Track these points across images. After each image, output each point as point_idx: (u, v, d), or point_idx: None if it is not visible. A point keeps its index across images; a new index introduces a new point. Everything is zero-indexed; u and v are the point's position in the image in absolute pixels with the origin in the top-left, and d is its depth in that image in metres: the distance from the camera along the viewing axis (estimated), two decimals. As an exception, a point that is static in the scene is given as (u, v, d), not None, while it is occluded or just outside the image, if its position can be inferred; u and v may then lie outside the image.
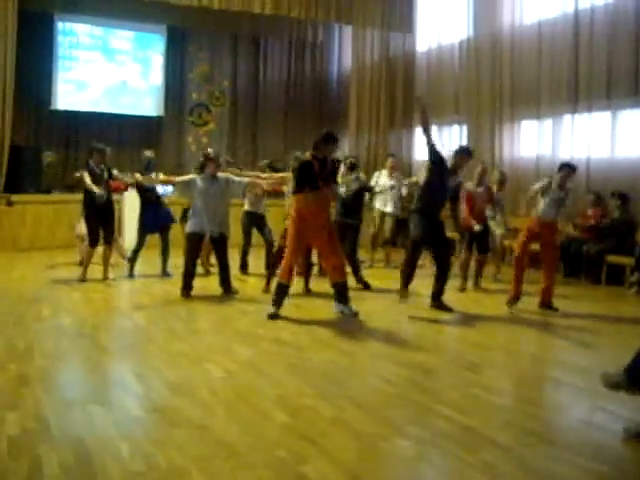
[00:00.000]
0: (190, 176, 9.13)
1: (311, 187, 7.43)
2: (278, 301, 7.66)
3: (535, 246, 8.75)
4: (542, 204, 8.42)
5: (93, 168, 9.53)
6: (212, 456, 3.96)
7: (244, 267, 10.60)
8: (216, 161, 8.95)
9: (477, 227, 9.56)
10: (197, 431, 4.32)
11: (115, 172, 9.83)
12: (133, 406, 4.79)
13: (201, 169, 8.99)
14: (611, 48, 11.12)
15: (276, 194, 10.36)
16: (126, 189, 11.38)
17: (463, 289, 9.72)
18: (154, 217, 10.18)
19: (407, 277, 8.28)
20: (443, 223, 8.42)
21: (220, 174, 8.94)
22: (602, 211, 11.11)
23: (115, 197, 10.43)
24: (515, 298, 8.45)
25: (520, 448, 4.20)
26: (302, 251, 8.02)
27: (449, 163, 8.28)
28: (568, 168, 8.49)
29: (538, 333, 7.50)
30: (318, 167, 7.43)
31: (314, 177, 7.42)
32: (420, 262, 8.84)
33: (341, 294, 7.74)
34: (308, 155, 7.59)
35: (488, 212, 10.12)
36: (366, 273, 10.12)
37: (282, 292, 7.68)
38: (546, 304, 8.45)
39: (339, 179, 9.37)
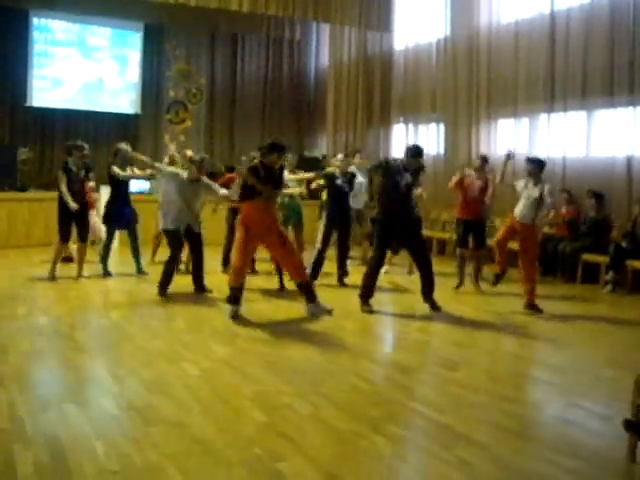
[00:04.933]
0: (176, 170, 9.03)
1: (254, 196, 7.44)
2: (233, 302, 7.60)
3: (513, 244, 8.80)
4: (520, 205, 8.45)
5: (71, 168, 9.45)
6: (188, 454, 3.94)
7: (226, 264, 10.47)
8: (199, 165, 8.85)
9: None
10: (173, 429, 4.30)
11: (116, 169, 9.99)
12: (109, 404, 4.76)
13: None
14: (586, 48, 11.21)
15: None
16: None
17: (458, 286, 9.59)
18: (121, 213, 10.06)
19: (368, 288, 8.17)
20: (419, 221, 8.37)
21: (204, 179, 8.90)
22: (575, 209, 11.20)
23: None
24: (502, 273, 8.62)
25: (497, 445, 4.22)
26: (249, 256, 7.95)
27: (400, 162, 8.22)
28: (534, 164, 8.56)
29: (515, 331, 7.53)
30: (264, 174, 7.45)
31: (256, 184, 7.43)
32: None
33: (307, 293, 7.79)
34: (256, 161, 7.68)
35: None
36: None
37: (236, 294, 7.61)
38: (530, 305, 8.43)
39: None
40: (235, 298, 7.60)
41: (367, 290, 8.15)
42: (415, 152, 8.14)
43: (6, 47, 15.65)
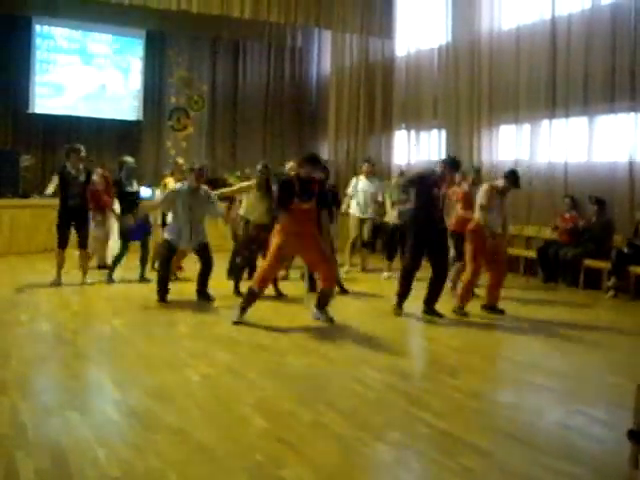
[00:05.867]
0: (171, 189, 9.02)
1: (288, 205, 7.43)
2: (245, 308, 7.61)
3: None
4: (492, 217, 8.40)
5: (69, 171, 9.46)
6: (190, 461, 3.94)
7: (232, 270, 10.40)
8: (198, 173, 8.88)
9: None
10: (175, 436, 4.30)
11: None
12: (111, 411, 4.76)
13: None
14: (588, 54, 11.23)
15: None
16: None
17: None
18: (136, 225, 10.10)
19: (404, 292, 8.23)
20: (445, 231, 8.38)
21: (203, 187, 8.93)
22: (578, 215, 11.20)
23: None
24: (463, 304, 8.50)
25: (499, 452, 4.21)
26: (281, 263, 7.96)
27: (436, 173, 8.25)
28: (513, 179, 8.51)
29: (516, 337, 7.53)
30: (300, 187, 7.46)
31: (292, 195, 7.43)
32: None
33: (323, 301, 7.80)
34: (292, 173, 7.68)
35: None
36: (343, 278, 10.09)
37: (251, 299, 7.63)
38: (491, 306, 8.55)
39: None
40: (248, 304, 7.61)
41: (404, 294, 8.22)
42: (451, 164, 8.27)
43: (9, 54, 15.71)
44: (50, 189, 9.42)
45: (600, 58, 11.03)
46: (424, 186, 8.11)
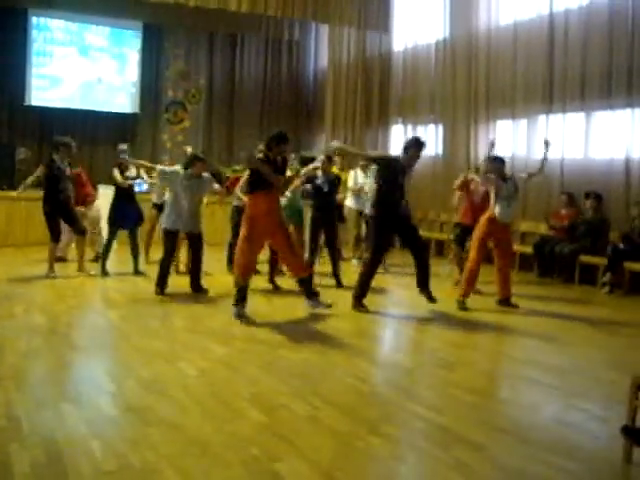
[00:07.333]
0: (174, 168, 9.07)
1: (263, 188, 7.36)
2: (241, 300, 7.54)
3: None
4: (498, 206, 8.43)
5: (59, 166, 9.47)
6: (186, 454, 3.93)
7: (232, 262, 10.39)
8: (204, 163, 8.95)
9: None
10: (171, 429, 4.29)
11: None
12: (106, 405, 4.74)
13: (186, 167, 8.92)
14: (585, 50, 11.23)
15: None
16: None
17: (458, 282, 9.53)
18: (125, 213, 10.07)
19: (365, 288, 8.17)
20: (408, 214, 8.43)
21: (205, 174, 8.96)
22: (575, 211, 11.21)
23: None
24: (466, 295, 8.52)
25: (494, 446, 4.22)
26: (256, 253, 7.79)
27: (402, 160, 8.15)
28: (497, 160, 8.64)
29: (512, 332, 7.53)
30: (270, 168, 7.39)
31: (261, 177, 7.35)
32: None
33: (308, 289, 7.79)
34: (261, 155, 7.49)
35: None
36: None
37: (241, 293, 7.54)
38: (504, 300, 8.67)
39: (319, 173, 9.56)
40: (241, 298, 7.54)
41: (363, 290, 8.15)
42: (416, 144, 8.17)
43: (5, 46, 15.64)
44: (30, 180, 9.50)
45: (597, 54, 11.03)
46: (392, 172, 8.01)
